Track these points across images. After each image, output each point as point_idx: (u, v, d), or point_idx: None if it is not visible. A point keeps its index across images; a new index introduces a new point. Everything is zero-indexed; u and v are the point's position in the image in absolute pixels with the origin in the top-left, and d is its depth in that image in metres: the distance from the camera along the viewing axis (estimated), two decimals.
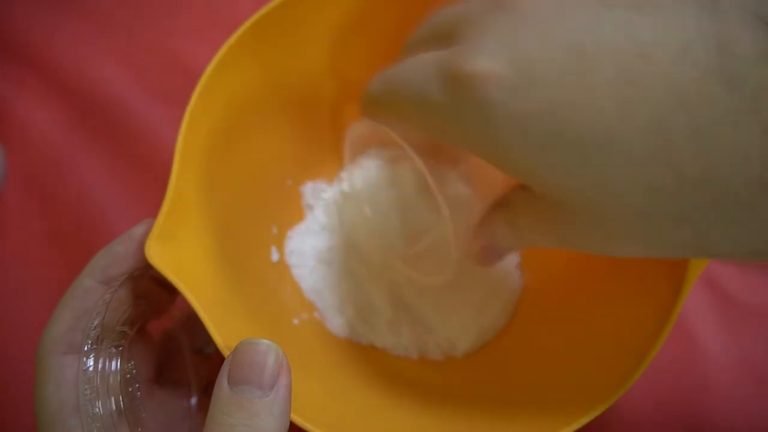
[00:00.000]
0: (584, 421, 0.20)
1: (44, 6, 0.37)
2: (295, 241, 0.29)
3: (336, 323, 0.28)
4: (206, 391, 0.25)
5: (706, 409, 0.29)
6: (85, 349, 0.19)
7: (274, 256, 0.28)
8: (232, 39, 0.23)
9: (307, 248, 0.30)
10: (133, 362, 0.21)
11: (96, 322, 0.20)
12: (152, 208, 0.32)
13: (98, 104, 0.35)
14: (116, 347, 0.20)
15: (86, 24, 0.37)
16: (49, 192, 0.33)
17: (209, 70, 0.23)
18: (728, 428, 0.29)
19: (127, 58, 0.36)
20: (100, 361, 0.20)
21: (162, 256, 0.20)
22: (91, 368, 0.19)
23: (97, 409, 0.19)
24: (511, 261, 0.31)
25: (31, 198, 0.33)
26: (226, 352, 0.20)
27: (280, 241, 0.29)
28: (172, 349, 0.25)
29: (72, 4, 0.37)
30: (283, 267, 0.28)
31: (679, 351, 0.30)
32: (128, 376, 0.21)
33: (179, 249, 0.21)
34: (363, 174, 0.32)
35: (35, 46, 0.36)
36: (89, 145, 0.34)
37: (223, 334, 0.20)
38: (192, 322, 0.24)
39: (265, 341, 0.18)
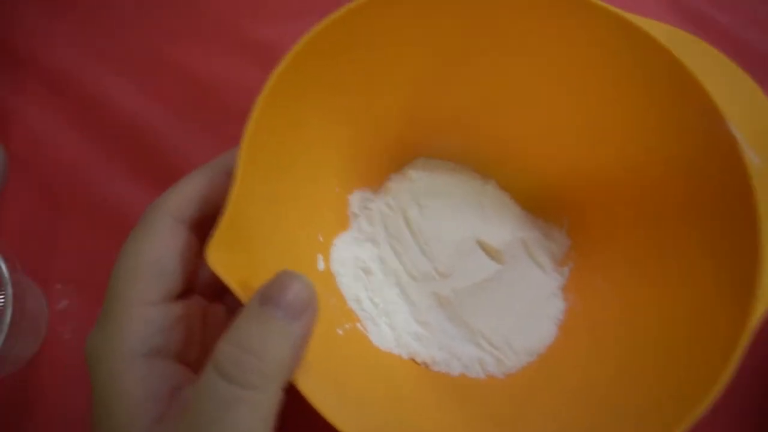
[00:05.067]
0: None
1: (46, 11, 0.38)
2: (340, 250, 0.29)
3: (377, 334, 0.28)
4: None
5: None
6: None
7: (320, 265, 0.28)
8: (294, 50, 0.23)
9: (351, 257, 0.30)
10: None
11: None
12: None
13: (99, 105, 0.35)
14: None
15: (87, 28, 0.38)
16: (49, 192, 0.34)
17: (268, 86, 0.22)
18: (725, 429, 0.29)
19: (126, 62, 0.37)
20: None
21: (224, 264, 0.20)
22: None
23: None
24: (554, 282, 0.30)
25: (31, 199, 0.34)
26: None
27: (325, 250, 0.29)
28: None
29: (74, 10, 0.38)
30: (328, 276, 0.28)
31: None
32: None
33: (239, 257, 0.21)
34: (409, 184, 0.32)
35: (36, 49, 0.37)
36: (90, 145, 0.35)
37: None
38: None
39: (305, 278, 0.19)
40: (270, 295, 0.19)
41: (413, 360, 0.28)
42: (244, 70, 0.37)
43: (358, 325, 0.28)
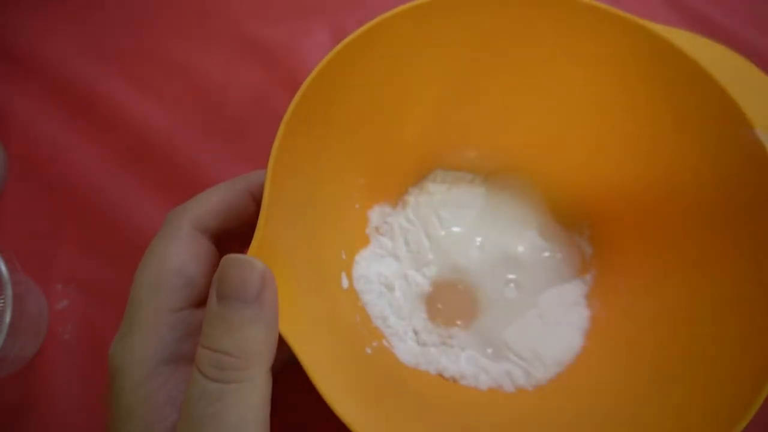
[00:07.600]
0: None
1: (47, 11, 0.38)
2: (362, 267, 0.29)
3: (403, 351, 0.28)
4: None
5: None
6: None
7: (344, 283, 0.28)
8: (312, 75, 0.23)
9: (373, 273, 0.29)
10: None
11: None
12: (156, 203, 0.33)
13: (99, 105, 0.36)
14: None
15: (88, 28, 0.38)
16: (49, 192, 0.34)
17: (289, 111, 0.21)
18: None
19: (127, 61, 0.37)
20: None
21: None
22: None
23: None
24: (578, 290, 0.30)
25: (31, 199, 0.34)
26: (312, 374, 0.19)
27: (348, 267, 0.28)
28: None
29: (75, 10, 0.38)
30: (352, 294, 0.28)
31: None
32: None
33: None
34: (428, 197, 0.31)
35: (36, 49, 0.37)
36: (90, 145, 0.35)
37: (313, 364, 0.20)
38: None
39: (248, 257, 0.19)
40: (223, 291, 0.18)
41: (441, 376, 0.28)
42: (244, 69, 0.37)
43: (384, 342, 0.28)
